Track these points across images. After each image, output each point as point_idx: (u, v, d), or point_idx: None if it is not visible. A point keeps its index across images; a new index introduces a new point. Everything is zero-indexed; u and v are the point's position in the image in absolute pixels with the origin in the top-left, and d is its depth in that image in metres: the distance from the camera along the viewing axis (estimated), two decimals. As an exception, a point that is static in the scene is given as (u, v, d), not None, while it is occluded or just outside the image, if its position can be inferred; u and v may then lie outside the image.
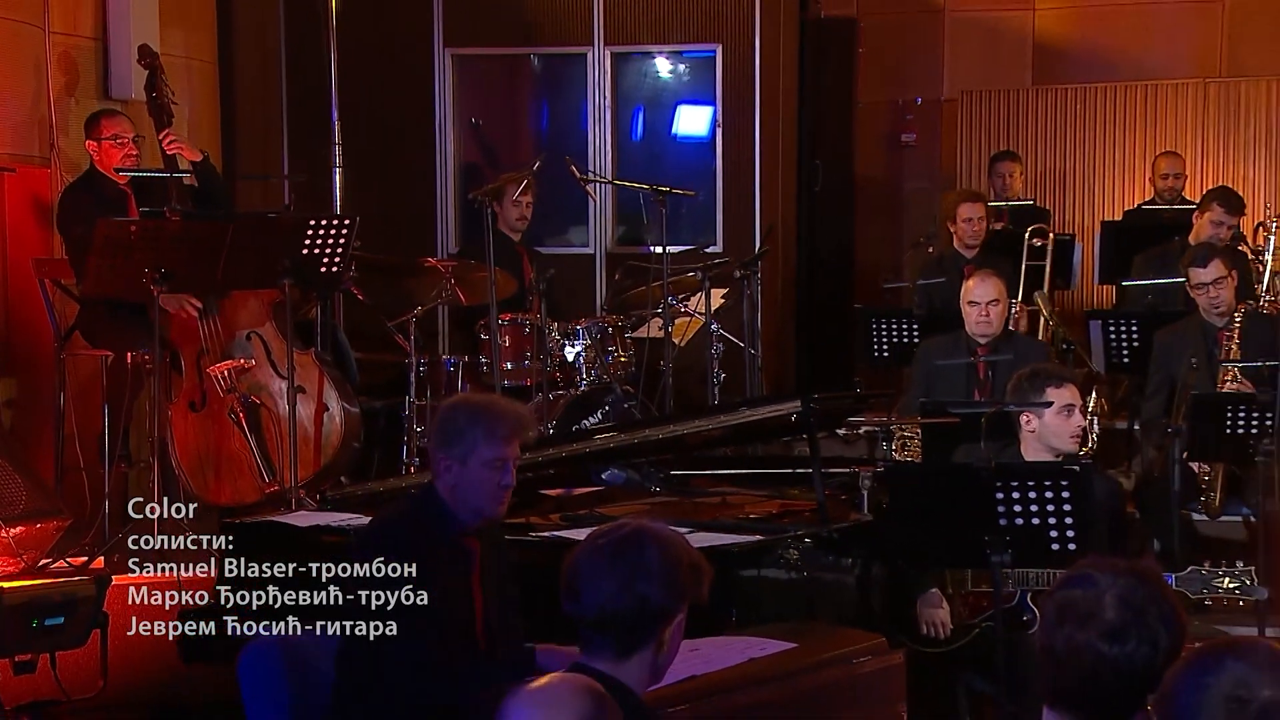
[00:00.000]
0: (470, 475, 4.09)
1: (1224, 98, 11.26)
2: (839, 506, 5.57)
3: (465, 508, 4.13)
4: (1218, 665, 2.22)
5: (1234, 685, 2.19)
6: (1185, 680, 2.23)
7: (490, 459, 4.08)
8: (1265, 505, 6.64)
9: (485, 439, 4.08)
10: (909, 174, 11.97)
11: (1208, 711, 2.19)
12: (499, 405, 4.30)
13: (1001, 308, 7.34)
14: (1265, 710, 2.17)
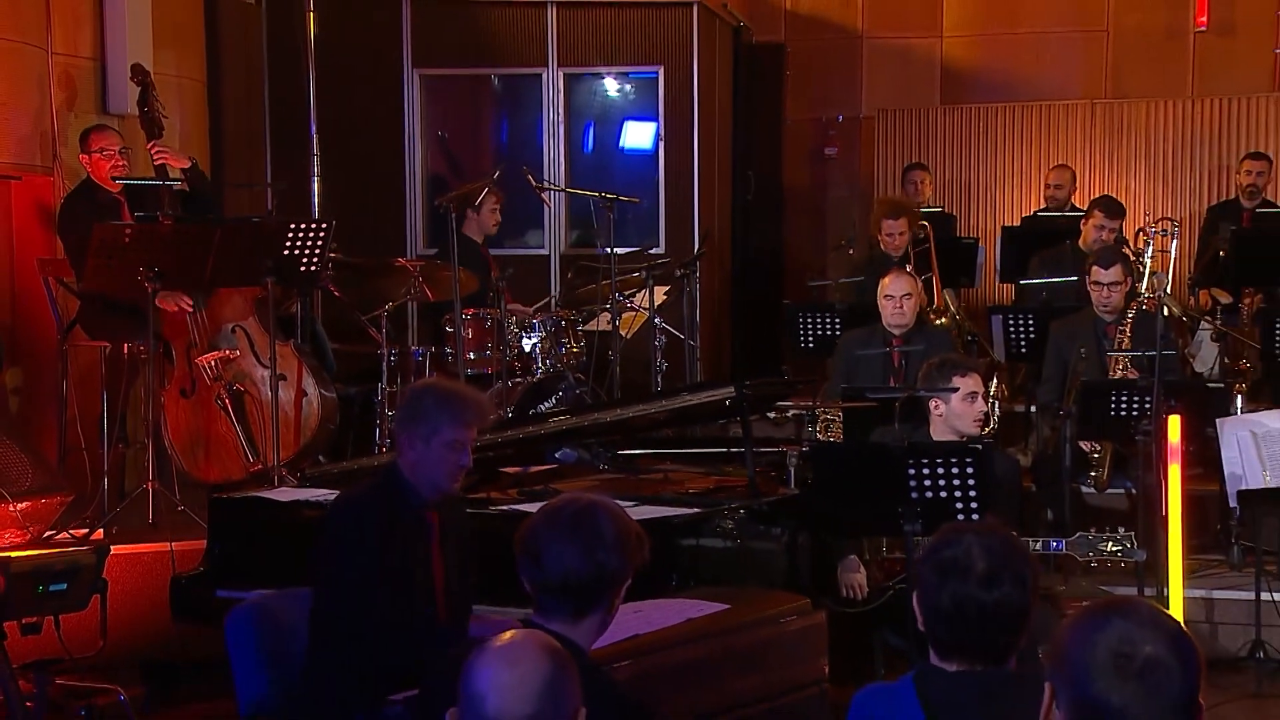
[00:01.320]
0: (432, 454, 4.09)
1: (1108, 117, 11.35)
2: (769, 482, 5.59)
3: (425, 483, 4.13)
4: (1104, 622, 2.22)
5: (1119, 642, 2.20)
6: (1075, 636, 2.24)
7: (451, 440, 4.08)
8: (1145, 479, 6.68)
9: (449, 422, 4.08)
10: (831, 184, 12.01)
11: (1097, 665, 2.19)
12: (463, 392, 4.30)
13: (914, 302, 7.37)
14: (1150, 664, 2.18)
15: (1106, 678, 2.18)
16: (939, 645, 2.89)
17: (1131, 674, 2.17)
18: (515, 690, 2.41)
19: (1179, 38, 11.43)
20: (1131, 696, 2.17)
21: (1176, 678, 2.19)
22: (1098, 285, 7.44)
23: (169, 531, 6.47)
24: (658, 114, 10.16)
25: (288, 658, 4.16)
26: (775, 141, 11.69)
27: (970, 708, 2.82)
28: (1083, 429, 7.06)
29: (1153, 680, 2.17)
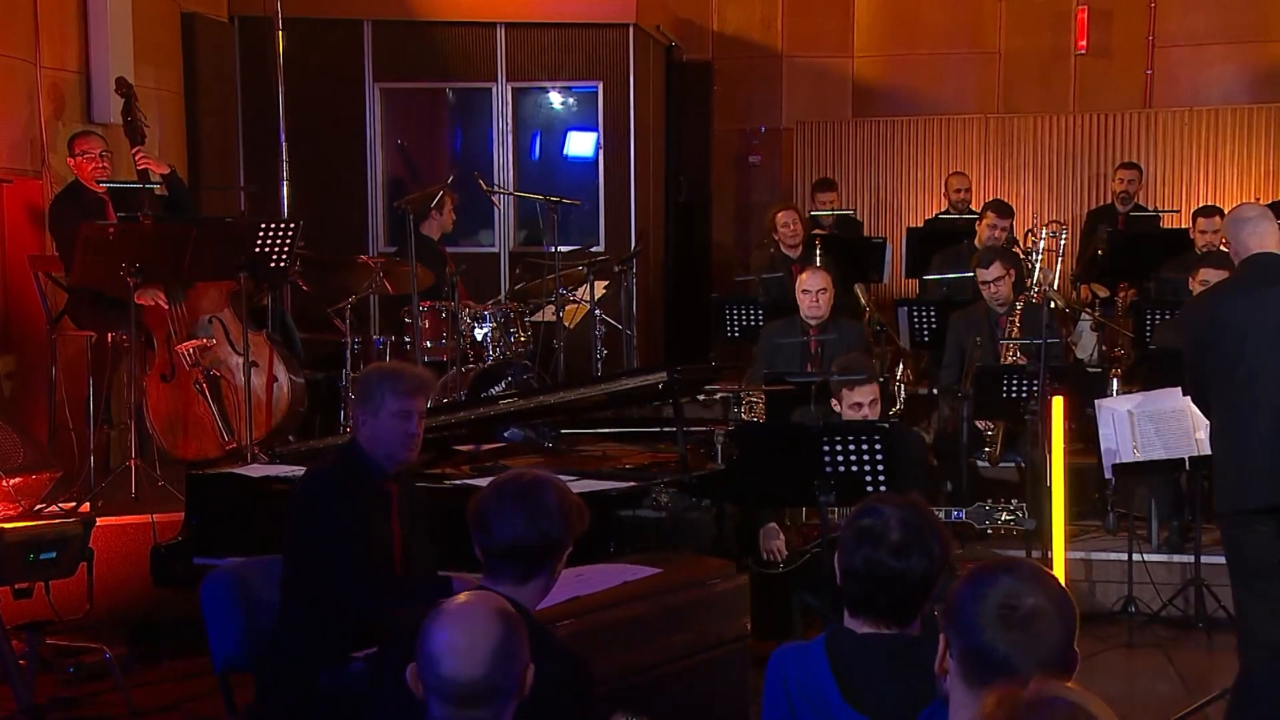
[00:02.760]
0: (382, 425, 4.08)
1: (1000, 130, 11.44)
2: (698, 458, 5.59)
3: (381, 454, 4.11)
4: (993, 579, 2.25)
5: (1005, 595, 2.22)
6: (966, 592, 2.26)
7: (397, 410, 4.07)
8: (1033, 454, 6.75)
9: (393, 393, 4.08)
10: (755, 189, 12.03)
11: (984, 616, 2.21)
12: (404, 368, 4.32)
13: (829, 295, 7.39)
14: (1030, 613, 2.20)
15: (993, 627, 2.21)
16: (850, 602, 2.90)
17: (1015, 623, 2.20)
18: (469, 653, 2.40)
19: (1061, 60, 11.53)
20: (1015, 644, 2.19)
21: (1055, 627, 2.22)
22: (984, 283, 7.54)
23: (150, 504, 6.46)
24: (597, 125, 10.14)
25: (258, 619, 4.14)
26: (704, 150, 11.68)
27: (874, 667, 2.83)
28: (978, 409, 7.12)
29: (1033, 629, 2.20)
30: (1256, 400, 4.84)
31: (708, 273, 11.59)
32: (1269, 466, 4.80)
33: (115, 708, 5.52)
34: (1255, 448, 4.82)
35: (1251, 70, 11.37)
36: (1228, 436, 4.91)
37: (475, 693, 2.38)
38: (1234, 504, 4.91)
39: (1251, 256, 4.92)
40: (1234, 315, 4.87)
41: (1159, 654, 6.09)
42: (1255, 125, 11.05)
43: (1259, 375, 4.83)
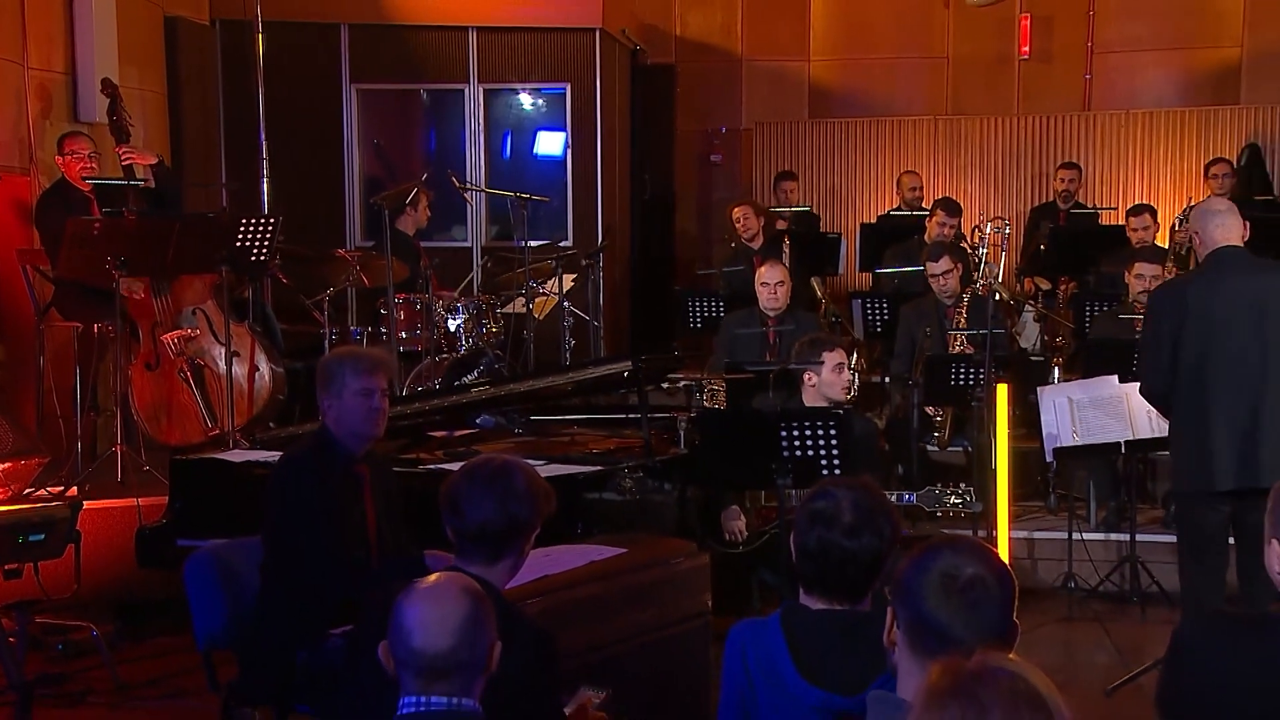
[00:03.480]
0: (346, 405, 4.06)
1: (948, 131, 11.49)
2: (662, 443, 5.59)
3: (349, 435, 4.09)
4: (936, 554, 2.27)
5: (947, 567, 2.24)
6: (911, 567, 2.28)
7: (358, 389, 4.05)
8: (979, 439, 6.78)
9: (353, 373, 4.06)
10: (716, 186, 12.04)
11: (928, 587, 2.23)
12: (360, 349, 4.30)
13: (786, 288, 7.39)
14: (969, 582, 2.22)
15: (936, 597, 2.22)
16: (804, 580, 2.91)
17: (956, 592, 2.22)
18: (438, 626, 2.39)
19: (1006, 64, 11.59)
20: (956, 612, 2.21)
21: (995, 596, 2.24)
22: (933, 276, 7.57)
23: (135, 488, 6.40)
24: (566, 125, 10.13)
25: (239, 598, 4.12)
26: (667, 149, 11.68)
27: (827, 641, 2.84)
28: (928, 396, 7.14)
29: (973, 597, 2.22)
30: (1224, 387, 4.87)
31: (671, 266, 11.60)
32: (1235, 452, 4.85)
33: (102, 683, 5.51)
34: (1222, 433, 4.86)
35: (1183, 75, 11.47)
36: (1195, 421, 4.93)
37: (444, 665, 2.38)
38: (1199, 485, 4.95)
39: (1218, 249, 4.95)
40: (1203, 304, 4.90)
41: (1097, 627, 6.14)
42: (1187, 127, 11.14)
43: (1227, 363, 4.87)
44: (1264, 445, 4.85)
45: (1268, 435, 4.86)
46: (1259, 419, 4.86)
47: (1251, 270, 4.98)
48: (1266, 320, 4.88)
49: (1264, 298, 4.90)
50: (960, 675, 1.69)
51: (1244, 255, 5.01)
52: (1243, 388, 4.87)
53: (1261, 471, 4.83)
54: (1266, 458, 4.84)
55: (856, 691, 2.62)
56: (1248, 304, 4.89)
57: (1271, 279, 5.02)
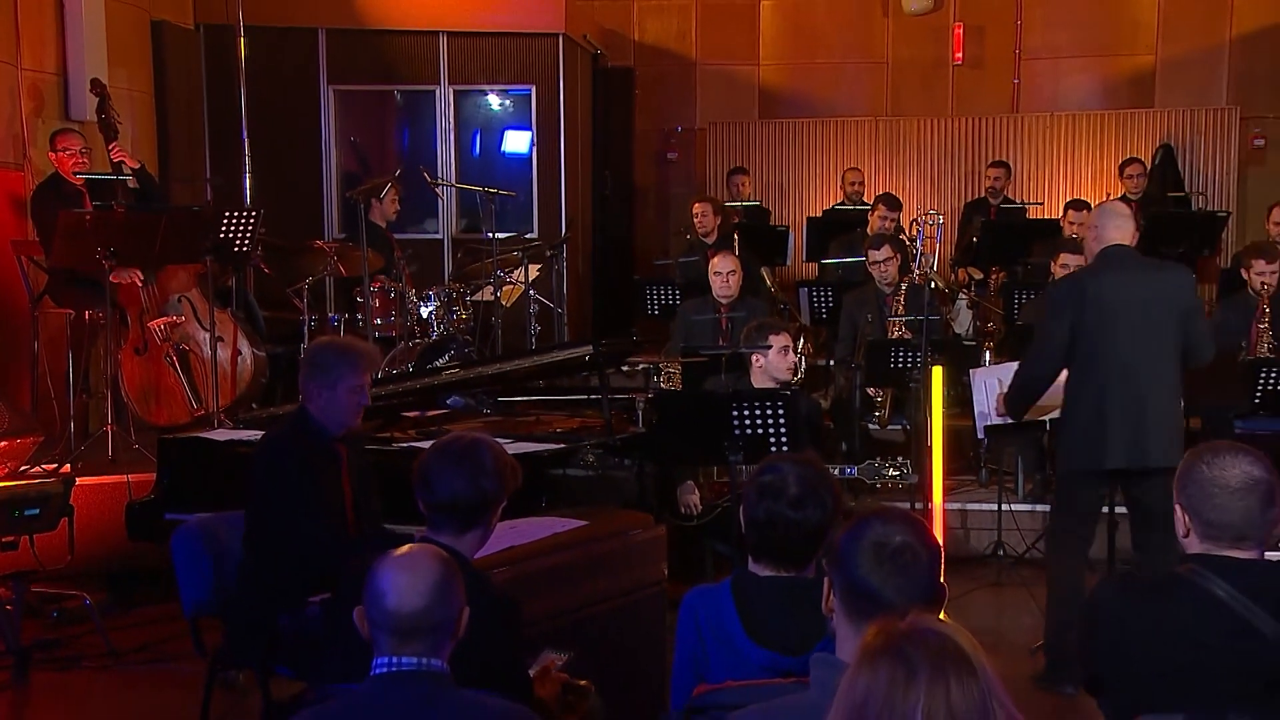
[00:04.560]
0: (338, 398, 4.04)
1: (888, 131, 11.53)
2: (621, 422, 5.60)
3: (333, 422, 4.07)
4: (867, 524, 2.28)
5: (878, 536, 2.26)
6: (845, 536, 2.30)
7: (354, 385, 4.03)
8: (916, 418, 6.82)
9: (349, 371, 4.03)
10: (672, 182, 12.03)
11: (860, 555, 2.25)
12: (358, 346, 4.24)
13: (738, 277, 7.40)
14: (899, 549, 2.24)
15: (868, 563, 2.24)
16: (753, 550, 2.92)
17: (886, 558, 2.24)
18: (411, 589, 2.40)
19: (941, 69, 11.64)
20: (887, 577, 2.22)
21: (923, 562, 2.25)
22: (874, 264, 7.60)
23: (125, 466, 6.37)
24: (531, 124, 10.10)
25: (223, 568, 4.10)
26: (627, 147, 11.67)
27: (774, 605, 2.85)
28: (869, 378, 7.18)
29: (903, 562, 2.23)
30: (1115, 374, 4.93)
31: (630, 257, 11.61)
32: (1125, 434, 4.92)
33: (95, 648, 5.49)
34: (1114, 417, 4.93)
35: (1103, 81, 11.56)
36: (1088, 405, 4.99)
37: (416, 625, 2.37)
38: (1089, 464, 5.01)
39: (1110, 246, 5.02)
40: (1098, 297, 4.96)
41: (1024, 591, 6.19)
42: (1106, 128, 11.24)
43: (1118, 352, 4.93)
44: (1151, 428, 4.93)
45: (1154, 419, 4.94)
46: (1146, 404, 4.93)
47: (1140, 267, 5.07)
48: (1153, 313, 4.96)
49: (1150, 292, 4.97)
50: (891, 636, 1.71)
51: (1133, 253, 5.10)
52: (1132, 375, 4.93)
53: (1149, 452, 4.92)
54: (1153, 439, 4.92)
55: (801, 652, 2.64)
56: (1137, 298, 4.95)
57: (1157, 275, 5.11)
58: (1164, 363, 5.00)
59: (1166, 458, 4.90)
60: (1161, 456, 4.92)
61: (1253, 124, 11.13)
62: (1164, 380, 5.00)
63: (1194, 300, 5.19)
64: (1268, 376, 6.48)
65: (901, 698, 1.65)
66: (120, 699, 5.11)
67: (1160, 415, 4.96)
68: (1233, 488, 2.68)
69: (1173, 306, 5.00)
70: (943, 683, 1.65)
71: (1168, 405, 5.02)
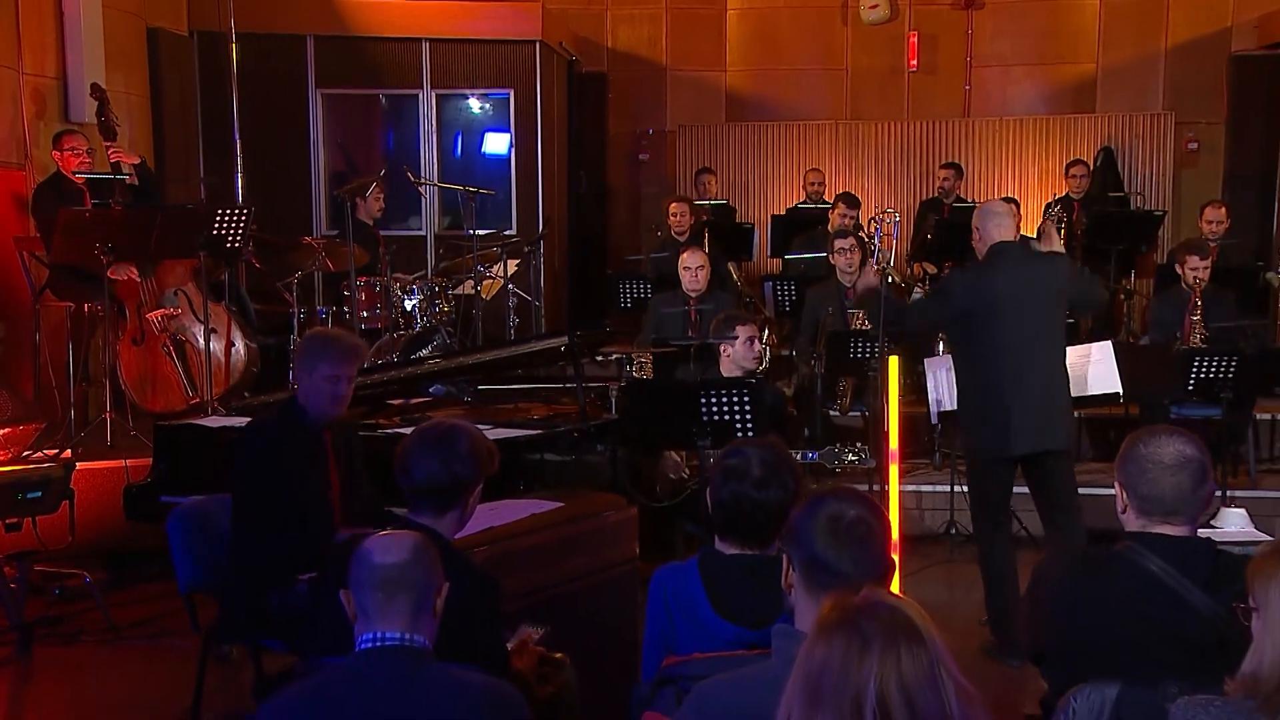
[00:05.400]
0: (314, 385, 4.01)
1: (847, 134, 11.55)
2: (595, 409, 5.58)
3: (313, 408, 4.04)
4: (822, 501, 2.29)
5: (833, 511, 2.27)
6: (801, 513, 2.31)
7: (328, 374, 3.99)
8: (875, 405, 6.84)
9: (326, 360, 3.99)
10: (644, 181, 12.02)
11: (816, 530, 2.25)
12: (338, 336, 4.17)
13: (706, 272, 7.41)
14: (853, 523, 2.25)
15: (823, 538, 2.25)
16: (719, 529, 2.93)
17: (840, 532, 2.24)
18: (394, 547, 2.42)
19: (897, 75, 11.66)
20: (843, 549, 2.23)
21: (874, 535, 2.26)
22: (840, 252, 7.62)
23: (123, 451, 6.36)
24: (510, 126, 10.06)
25: (217, 547, 4.09)
26: (600, 148, 11.64)
27: (739, 582, 2.86)
28: (830, 367, 7.19)
29: (855, 536, 2.24)
30: (1011, 365, 4.96)
31: (604, 253, 11.58)
32: (1026, 421, 4.95)
33: (95, 624, 5.48)
34: (1015, 405, 4.95)
35: (1048, 87, 11.62)
36: (990, 396, 5.01)
37: (398, 577, 2.37)
38: (997, 451, 5.03)
39: (996, 244, 5.06)
40: (990, 292, 4.98)
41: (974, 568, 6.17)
42: (1051, 132, 11.29)
43: (1012, 343, 4.96)
44: (1049, 414, 4.97)
45: (1051, 405, 4.98)
46: (1042, 392, 4.97)
47: (1025, 261, 5.09)
48: (1039, 302, 4.99)
49: (1036, 284, 5.00)
50: (846, 610, 1.72)
51: (1017, 248, 5.13)
52: (1026, 365, 4.96)
53: (1049, 436, 4.96)
54: (1052, 424, 4.97)
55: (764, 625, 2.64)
56: (1024, 290, 4.97)
57: (1039, 266, 5.14)
58: (1054, 350, 5.04)
59: (1062, 440, 4.97)
60: (1060, 440, 4.98)
61: (1186, 129, 11.21)
62: (1055, 367, 5.04)
63: (1069, 275, 5.20)
64: (1200, 365, 6.54)
65: (855, 667, 1.66)
66: (119, 672, 5.09)
67: (1055, 401, 5.00)
68: (1166, 464, 2.71)
69: (1053, 291, 5.02)
70: (894, 653, 1.66)
71: (1061, 391, 5.05)
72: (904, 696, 1.64)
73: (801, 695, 1.69)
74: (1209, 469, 2.74)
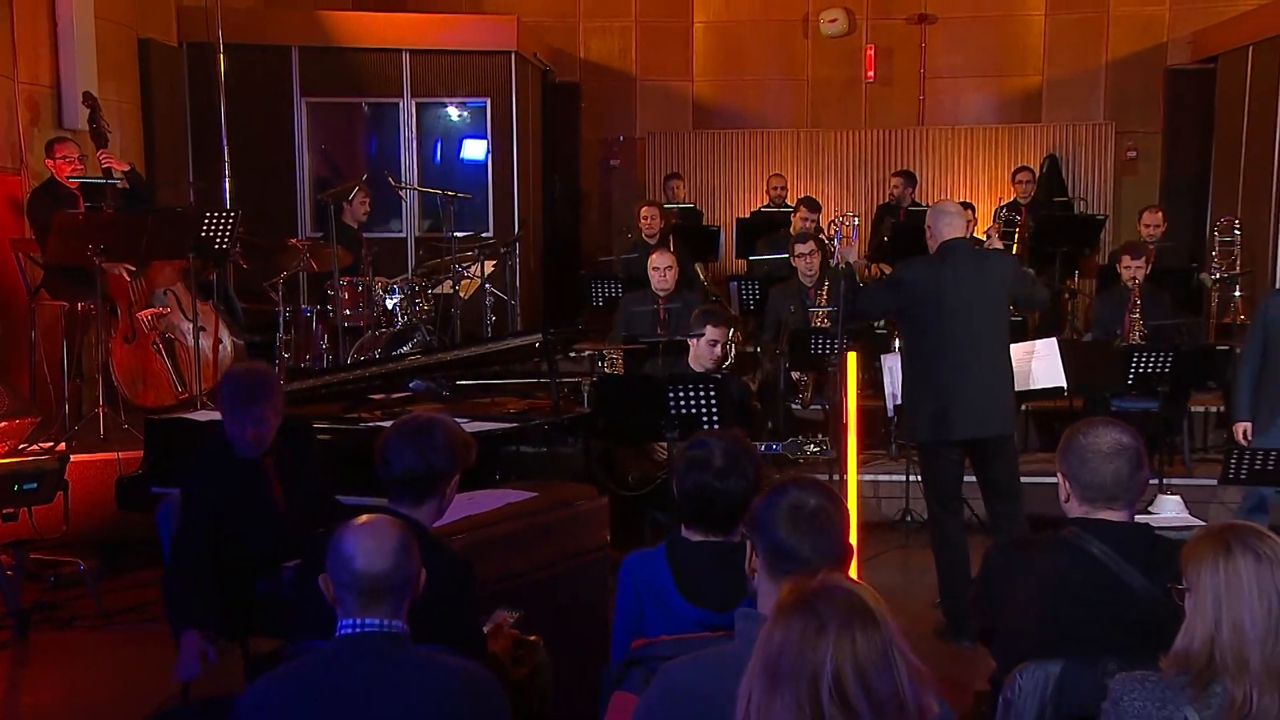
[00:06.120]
0: (229, 427, 3.79)
1: (809, 141, 11.59)
2: (568, 403, 5.58)
3: (239, 448, 3.82)
4: (784, 491, 2.29)
5: (794, 501, 2.27)
6: (763, 502, 2.31)
7: (232, 417, 3.77)
8: (834, 398, 6.86)
9: (228, 405, 3.78)
10: (615, 186, 12.02)
11: (778, 518, 2.25)
12: (240, 379, 3.82)
13: (674, 272, 7.40)
14: (814, 512, 2.25)
15: (785, 525, 2.24)
16: (685, 517, 2.93)
17: (801, 520, 2.24)
18: (377, 551, 2.38)
19: (855, 86, 11.70)
20: (804, 536, 2.23)
21: (834, 522, 2.27)
22: (800, 256, 7.64)
23: (115, 444, 6.29)
24: (487, 133, 10.02)
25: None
26: (573, 154, 11.62)
27: (704, 567, 2.86)
28: (792, 363, 7.23)
29: (816, 523, 2.24)
30: (953, 356, 4.98)
31: (577, 254, 11.57)
32: (966, 408, 4.98)
33: (88, 610, 5.45)
34: (952, 392, 4.98)
35: (997, 98, 11.70)
36: (932, 384, 5.04)
37: (382, 585, 2.35)
38: (939, 437, 5.06)
39: (946, 241, 5.08)
40: (934, 288, 5.01)
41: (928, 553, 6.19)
42: (1000, 140, 11.37)
43: (953, 336, 4.98)
44: (988, 402, 4.99)
45: (990, 394, 5.00)
46: (982, 381, 4.99)
47: (970, 258, 5.12)
48: (984, 298, 5.01)
49: (980, 279, 5.02)
50: (803, 594, 1.72)
51: (966, 246, 5.16)
52: (968, 356, 4.98)
53: (988, 423, 4.99)
54: (991, 412, 4.99)
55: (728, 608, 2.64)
56: (969, 286, 5.00)
57: (985, 262, 5.19)
58: (996, 342, 5.06)
59: (1003, 427, 5.00)
60: (999, 426, 5.01)
61: (1126, 138, 11.31)
62: (996, 358, 5.06)
63: (1016, 274, 5.21)
64: (1138, 361, 6.59)
65: (812, 648, 1.66)
66: (111, 655, 5.05)
67: (996, 389, 5.02)
68: (1105, 453, 2.73)
69: (998, 288, 5.05)
70: (849, 635, 1.66)
71: (1002, 379, 5.07)
72: (858, 676, 1.64)
73: (762, 675, 1.69)
74: (1144, 456, 2.77)
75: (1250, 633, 2.12)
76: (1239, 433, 5.56)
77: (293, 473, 3.93)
